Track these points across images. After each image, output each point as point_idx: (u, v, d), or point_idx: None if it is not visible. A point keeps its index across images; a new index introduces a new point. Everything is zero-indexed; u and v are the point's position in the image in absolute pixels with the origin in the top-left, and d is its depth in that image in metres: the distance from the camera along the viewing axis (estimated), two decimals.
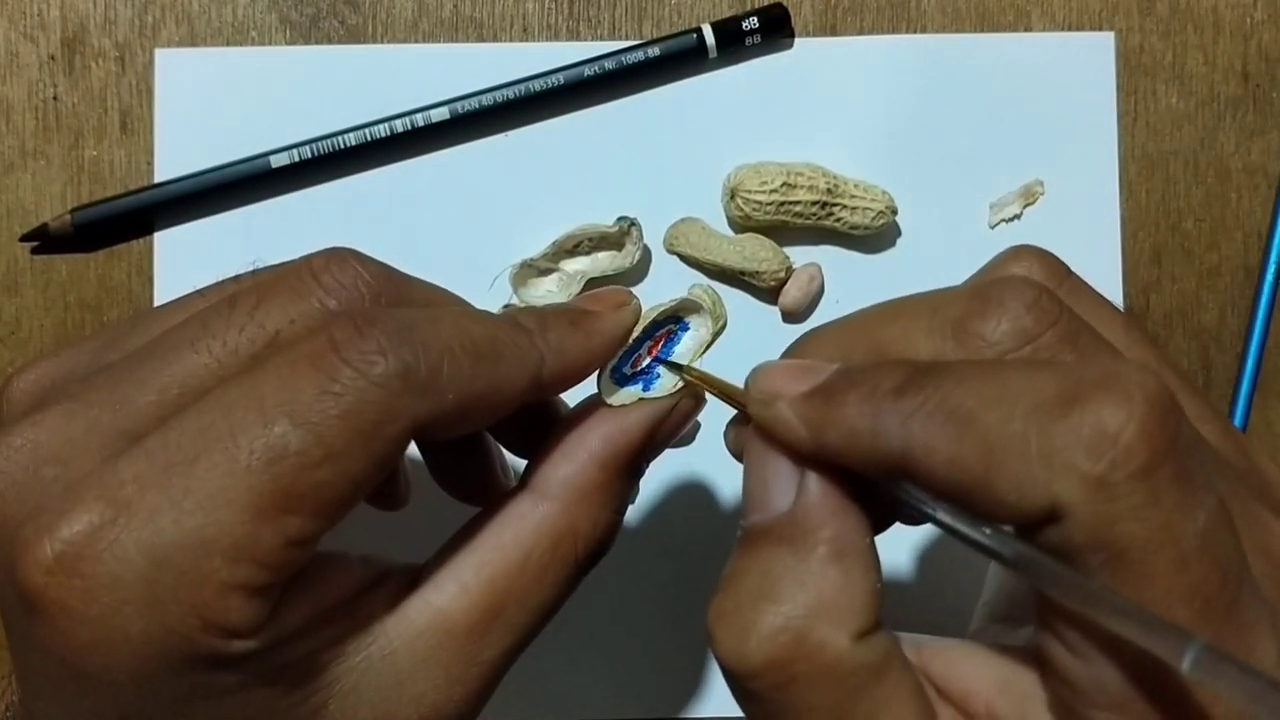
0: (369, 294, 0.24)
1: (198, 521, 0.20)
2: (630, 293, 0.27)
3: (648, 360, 0.27)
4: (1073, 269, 0.25)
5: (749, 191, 0.37)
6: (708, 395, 0.27)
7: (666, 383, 0.27)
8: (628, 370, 0.27)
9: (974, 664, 0.22)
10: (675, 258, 0.39)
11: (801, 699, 0.20)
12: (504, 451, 0.31)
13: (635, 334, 0.27)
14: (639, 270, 0.38)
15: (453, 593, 0.24)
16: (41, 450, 0.22)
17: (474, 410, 0.23)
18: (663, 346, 0.27)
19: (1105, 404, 0.18)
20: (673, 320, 0.28)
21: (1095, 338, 0.22)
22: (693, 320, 0.28)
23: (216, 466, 0.21)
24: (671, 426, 0.26)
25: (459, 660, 0.24)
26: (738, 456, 0.25)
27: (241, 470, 0.21)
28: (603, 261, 0.38)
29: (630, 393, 0.26)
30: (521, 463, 0.28)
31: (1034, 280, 0.22)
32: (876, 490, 0.22)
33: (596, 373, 0.26)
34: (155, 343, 0.23)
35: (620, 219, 0.38)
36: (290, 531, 0.21)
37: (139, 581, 0.20)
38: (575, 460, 0.25)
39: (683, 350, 0.27)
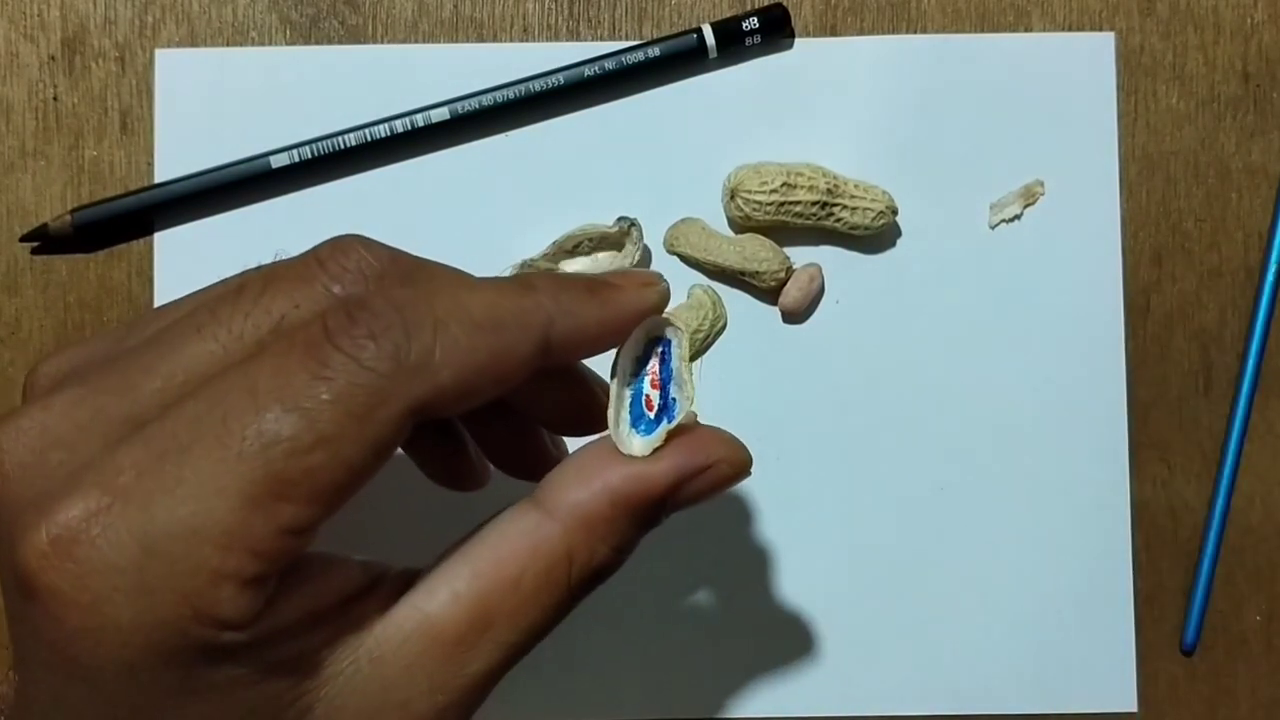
0: (373, 276, 0.24)
1: (190, 509, 0.20)
2: (660, 276, 0.26)
3: (656, 393, 0.26)
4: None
5: (749, 192, 0.37)
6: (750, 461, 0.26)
7: (684, 405, 0.25)
8: (644, 412, 0.26)
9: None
10: (675, 258, 0.39)
11: None
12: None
13: (628, 378, 0.26)
14: None
15: (443, 600, 0.24)
16: (49, 434, 0.22)
17: (478, 382, 0.23)
18: (661, 371, 0.26)
19: None
20: (654, 343, 0.26)
21: None
22: (668, 331, 0.26)
23: (209, 454, 0.21)
24: (703, 486, 0.25)
25: (444, 669, 0.24)
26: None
27: (233, 457, 0.21)
28: (603, 262, 0.38)
29: (657, 435, 0.25)
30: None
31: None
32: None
33: (612, 420, 0.25)
34: (165, 330, 0.24)
35: (620, 219, 0.38)
36: (284, 520, 0.21)
37: (131, 569, 0.20)
38: (590, 488, 0.24)
39: (678, 365, 0.26)
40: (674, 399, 0.25)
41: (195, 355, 0.23)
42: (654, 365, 0.26)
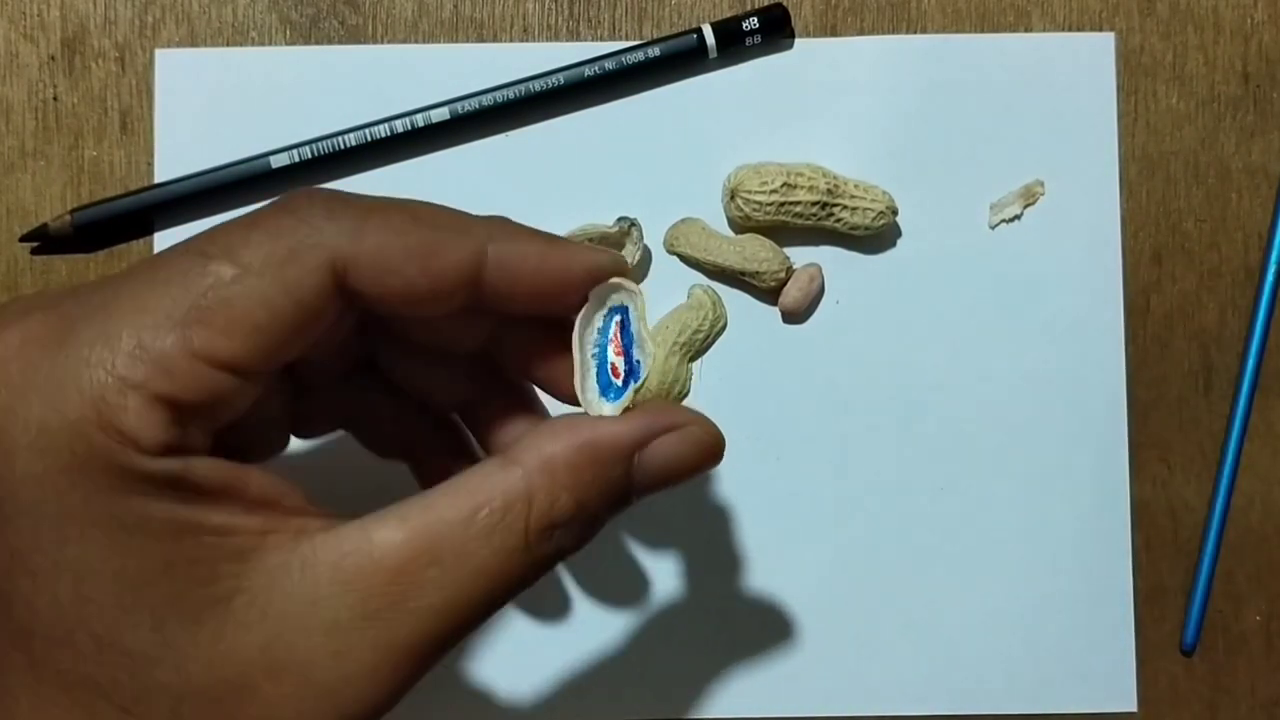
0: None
1: (113, 322, 0.22)
2: (619, 255, 0.28)
3: (620, 360, 0.26)
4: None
5: (749, 192, 0.37)
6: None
7: (648, 364, 0.26)
8: (612, 381, 0.26)
9: None
10: (675, 258, 0.39)
11: None
12: None
13: (590, 348, 0.26)
14: (639, 270, 0.38)
15: (391, 525, 0.23)
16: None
17: (404, 268, 0.24)
18: (622, 337, 0.26)
19: None
20: (614, 312, 0.26)
21: None
22: (621, 298, 0.26)
23: (139, 282, 0.23)
24: (672, 448, 0.25)
25: (381, 595, 0.22)
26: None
27: (159, 283, 0.22)
28: None
29: (626, 396, 0.25)
30: None
31: None
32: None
33: (579, 389, 0.26)
34: None
35: (620, 219, 0.38)
36: (198, 343, 0.22)
37: (45, 362, 0.22)
38: (559, 439, 0.24)
39: (637, 328, 0.26)
40: (638, 361, 0.26)
41: None
42: (615, 332, 0.26)
